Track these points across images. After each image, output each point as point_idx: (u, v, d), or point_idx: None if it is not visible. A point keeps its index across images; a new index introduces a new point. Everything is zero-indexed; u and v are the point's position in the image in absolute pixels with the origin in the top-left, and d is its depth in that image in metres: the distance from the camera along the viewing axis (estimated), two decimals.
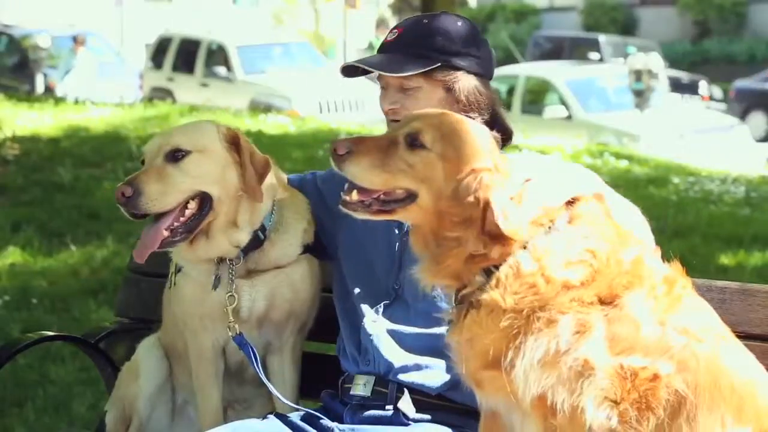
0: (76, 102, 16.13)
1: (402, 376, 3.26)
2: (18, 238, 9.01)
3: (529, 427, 2.76)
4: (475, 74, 3.33)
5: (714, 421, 2.66)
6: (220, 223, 3.31)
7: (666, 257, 2.86)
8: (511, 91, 19.77)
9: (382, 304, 3.36)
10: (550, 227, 2.75)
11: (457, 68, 3.30)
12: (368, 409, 3.27)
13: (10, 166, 11.37)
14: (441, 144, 2.79)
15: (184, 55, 22.94)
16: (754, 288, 3.26)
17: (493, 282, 2.72)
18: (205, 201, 3.28)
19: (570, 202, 2.82)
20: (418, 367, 3.26)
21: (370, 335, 3.32)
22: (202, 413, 3.53)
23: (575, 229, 2.76)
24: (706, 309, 2.83)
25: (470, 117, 3.19)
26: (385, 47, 3.35)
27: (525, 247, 2.72)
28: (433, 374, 3.26)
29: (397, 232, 3.37)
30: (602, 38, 30.19)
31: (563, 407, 2.65)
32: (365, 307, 3.38)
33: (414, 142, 2.80)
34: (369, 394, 3.29)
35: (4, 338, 6.64)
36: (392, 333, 3.31)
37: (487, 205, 2.69)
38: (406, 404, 3.23)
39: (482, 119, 3.30)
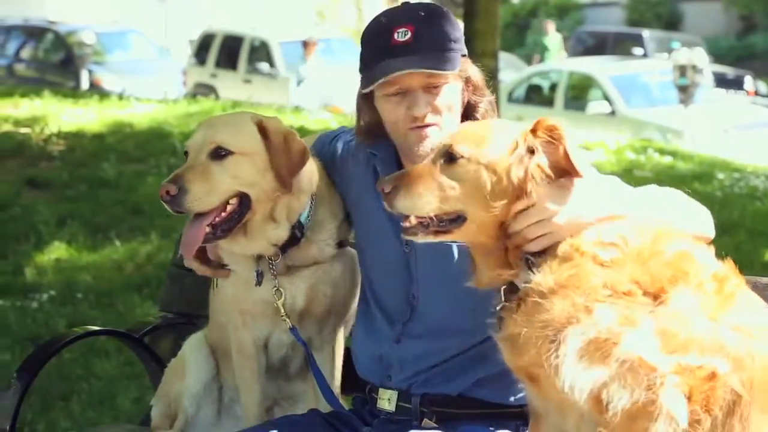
0: (121, 98, 16.23)
1: (424, 389, 3.27)
2: (63, 233, 9.08)
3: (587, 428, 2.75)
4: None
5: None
6: (258, 221, 3.33)
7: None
8: (554, 87, 19.69)
9: (401, 322, 3.33)
10: None
11: (465, 55, 3.25)
12: (396, 424, 3.30)
13: (56, 161, 11.46)
14: (476, 148, 2.82)
15: (227, 51, 23.01)
16: None
17: (536, 269, 2.76)
18: (244, 199, 3.30)
19: None
20: (439, 376, 3.27)
21: (395, 356, 3.32)
22: (245, 409, 3.56)
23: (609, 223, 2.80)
24: (760, 307, 2.79)
25: (485, 98, 3.26)
26: (401, 49, 3.16)
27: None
28: (455, 378, 3.26)
29: (403, 244, 3.30)
30: (646, 33, 29.98)
31: (619, 406, 2.63)
32: (385, 325, 3.37)
33: (451, 157, 2.83)
34: (394, 410, 3.31)
35: (49, 333, 6.72)
36: (415, 350, 3.29)
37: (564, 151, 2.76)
38: (429, 422, 3.25)
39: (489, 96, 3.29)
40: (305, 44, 20.08)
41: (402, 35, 3.16)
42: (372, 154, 3.38)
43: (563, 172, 2.81)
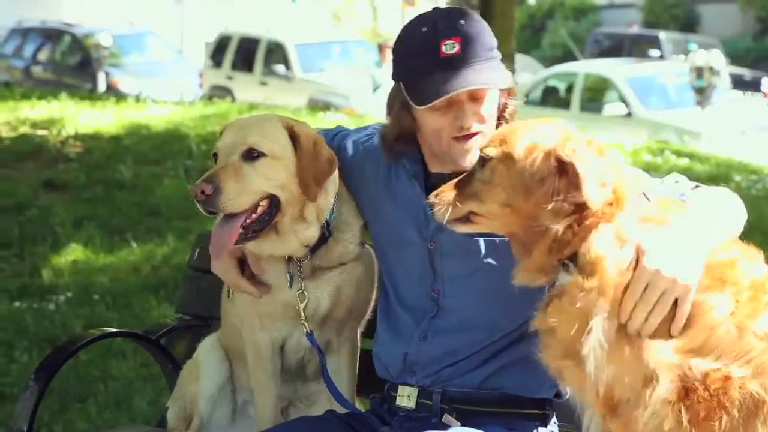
0: (137, 100, 16.27)
1: (447, 382, 3.28)
2: (80, 235, 9.11)
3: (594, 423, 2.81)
4: None
5: None
6: (287, 222, 3.33)
7: None
8: (570, 89, 19.66)
9: (427, 318, 3.34)
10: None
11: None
12: (415, 421, 3.30)
13: (73, 163, 11.49)
14: (502, 147, 2.88)
15: (243, 54, 23.06)
16: None
17: (576, 268, 2.78)
18: (274, 201, 3.30)
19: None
20: (463, 368, 3.27)
21: (421, 352, 3.31)
22: (259, 411, 3.56)
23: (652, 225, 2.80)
24: None
25: (513, 100, 3.27)
26: (452, 62, 3.13)
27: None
28: (479, 366, 3.27)
29: (427, 241, 3.32)
30: (663, 35, 29.91)
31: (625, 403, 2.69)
32: (410, 322, 3.37)
33: (483, 160, 2.91)
34: (414, 407, 3.31)
35: (66, 334, 6.74)
36: (443, 346, 3.29)
37: (572, 169, 2.76)
38: (450, 419, 3.25)
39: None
40: (381, 48, 19.08)
41: (450, 47, 3.13)
42: (404, 164, 3.37)
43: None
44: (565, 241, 2.79)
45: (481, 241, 3.21)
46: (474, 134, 3.18)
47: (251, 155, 3.26)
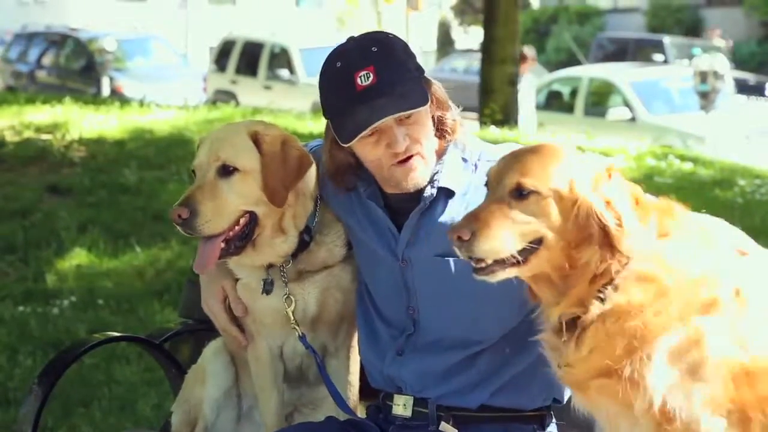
0: (141, 104, 16.28)
1: (439, 400, 3.28)
2: (84, 239, 9.11)
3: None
4: None
5: None
6: (267, 235, 3.34)
7: None
8: (574, 93, 19.67)
9: (405, 335, 3.33)
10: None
11: (423, 73, 3.22)
12: (412, 429, 3.30)
13: (77, 168, 11.49)
14: (544, 181, 2.79)
15: (247, 58, 23.11)
16: None
17: (612, 291, 2.76)
18: (252, 216, 3.31)
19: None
20: (453, 390, 3.27)
21: (399, 369, 3.32)
22: (263, 417, 3.57)
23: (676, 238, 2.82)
24: None
25: (450, 111, 3.23)
26: (369, 94, 3.10)
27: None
28: (470, 392, 3.26)
29: (399, 260, 3.30)
30: (667, 39, 29.91)
31: (680, 415, 2.70)
32: (387, 335, 3.38)
33: (522, 193, 2.80)
34: (410, 415, 3.31)
35: (70, 339, 6.74)
36: (420, 362, 3.29)
37: (614, 221, 2.76)
38: (448, 427, 3.25)
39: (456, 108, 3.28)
40: (521, 57, 17.45)
41: (365, 79, 3.10)
42: (358, 188, 3.35)
43: None
44: (607, 272, 2.77)
45: (451, 261, 3.20)
46: (412, 156, 3.15)
47: (226, 171, 3.27)
